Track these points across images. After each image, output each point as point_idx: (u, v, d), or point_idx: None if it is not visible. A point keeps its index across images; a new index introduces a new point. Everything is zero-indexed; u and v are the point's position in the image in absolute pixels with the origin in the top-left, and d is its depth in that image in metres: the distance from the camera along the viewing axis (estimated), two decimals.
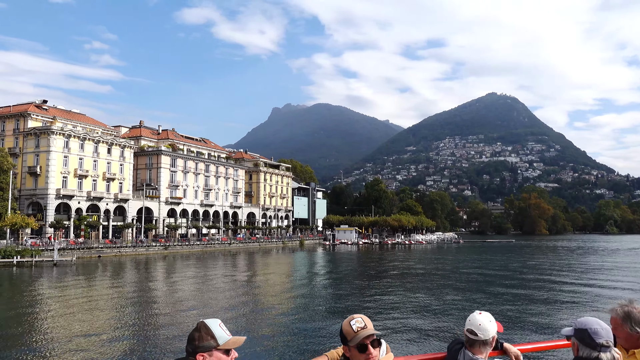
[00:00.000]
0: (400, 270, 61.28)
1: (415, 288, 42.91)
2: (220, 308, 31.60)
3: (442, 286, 43.37)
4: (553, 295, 37.36)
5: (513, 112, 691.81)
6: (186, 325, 25.62)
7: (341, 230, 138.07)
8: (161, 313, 30.30)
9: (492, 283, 45.49)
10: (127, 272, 57.82)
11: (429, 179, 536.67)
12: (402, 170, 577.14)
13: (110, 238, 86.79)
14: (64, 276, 50.87)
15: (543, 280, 48.01)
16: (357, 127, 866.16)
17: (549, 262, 73.54)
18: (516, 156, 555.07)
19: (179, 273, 56.49)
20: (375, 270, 62.59)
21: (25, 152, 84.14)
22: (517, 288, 41.67)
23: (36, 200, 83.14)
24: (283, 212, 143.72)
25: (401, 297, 36.83)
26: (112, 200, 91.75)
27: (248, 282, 48.72)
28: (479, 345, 3.01)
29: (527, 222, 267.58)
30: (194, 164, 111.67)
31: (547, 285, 43.84)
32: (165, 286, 44.91)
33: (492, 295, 37.53)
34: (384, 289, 42.36)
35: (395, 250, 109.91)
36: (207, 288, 42.95)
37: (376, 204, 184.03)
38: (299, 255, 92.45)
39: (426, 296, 37.20)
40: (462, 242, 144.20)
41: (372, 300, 35.49)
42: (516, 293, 38.55)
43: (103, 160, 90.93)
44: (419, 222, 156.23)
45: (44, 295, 37.95)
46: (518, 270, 59.91)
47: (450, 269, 62.13)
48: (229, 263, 71.55)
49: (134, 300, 36.27)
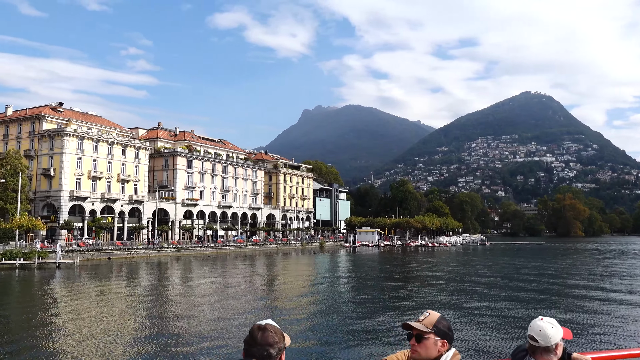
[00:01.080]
0: (422, 274, 58.35)
1: (454, 291, 40.10)
2: (223, 317, 29.11)
3: (472, 292, 40.46)
4: (600, 302, 34.00)
5: (548, 111, 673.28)
6: (179, 339, 22.79)
7: (362, 232, 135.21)
8: (147, 326, 26.48)
9: (520, 288, 42.29)
10: (130, 274, 56.62)
11: (460, 179, 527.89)
12: (433, 171, 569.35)
13: (125, 240, 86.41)
14: (60, 279, 49.97)
15: (569, 285, 44.48)
16: (388, 128, 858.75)
17: (580, 266, 69.25)
18: (552, 156, 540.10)
19: (184, 276, 54.99)
20: (397, 274, 59.81)
21: (40, 154, 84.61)
22: (547, 294, 38.41)
23: (50, 202, 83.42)
24: (304, 213, 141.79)
25: (445, 301, 34.15)
26: (126, 201, 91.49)
27: (256, 286, 46.71)
28: (541, 352, 2.94)
29: (561, 223, 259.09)
30: (211, 165, 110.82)
31: (578, 291, 40.40)
32: (157, 292, 43.26)
33: (519, 301, 34.47)
34: (415, 293, 39.69)
35: (417, 253, 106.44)
36: (209, 293, 41.10)
37: (402, 205, 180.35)
38: (316, 257, 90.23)
39: (466, 300, 34.43)
40: (489, 245, 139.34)
41: (404, 304, 32.93)
42: (544, 298, 35.36)
43: (117, 161, 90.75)
44: (444, 224, 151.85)
45: (25, 300, 36.77)
46: (550, 273, 56.18)
47: (464, 273, 58.84)
48: (240, 266, 69.88)
49: (121, 309, 33.80)
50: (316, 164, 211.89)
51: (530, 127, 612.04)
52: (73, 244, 73.04)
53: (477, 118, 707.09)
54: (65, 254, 66.67)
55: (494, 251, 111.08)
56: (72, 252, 68.51)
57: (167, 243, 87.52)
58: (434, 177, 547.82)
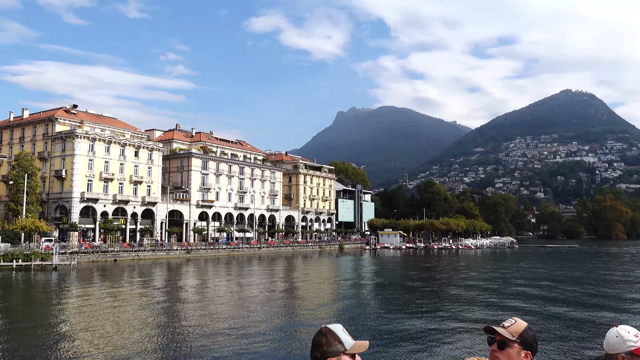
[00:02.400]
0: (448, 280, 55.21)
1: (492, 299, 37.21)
2: (211, 326, 26.88)
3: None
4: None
5: (590, 110, 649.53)
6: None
7: (385, 234, 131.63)
8: (112, 340, 23.60)
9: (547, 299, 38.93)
10: (127, 277, 55.46)
11: (498, 181, 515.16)
12: (469, 173, 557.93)
13: (135, 242, 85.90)
14: (50, 282, 49.13)
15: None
16: (423, 129, 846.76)
17: (602, 272, 64.52)
18: (594, 156, 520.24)
19: (182, 279, 53.45)
20: (419, 279, 56.84)
21: (53, 156, 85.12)
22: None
23: (62, 204, 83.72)
24: (325, 215, 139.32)
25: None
26: (139, 203, 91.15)
27: (254, 292, 44.69)
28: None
29: (602, 225, 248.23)
30: (227, 166, 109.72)
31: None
32: (143, 297, 41.68)
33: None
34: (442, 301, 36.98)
35: (439, 256, 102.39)
36: (195, 300, 39.27)
37: (429, 206, 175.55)
38: (331, 260, 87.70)
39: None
40: (517, 247, 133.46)
41: (441, 315, 30.36)
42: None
43: (130, 163, 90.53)
44: (471, 226, 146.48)
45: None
46: (559, 279, 52.22)
47: (464, 278, 55.32)
48: (246, 269, 68.14)
49: (90, 317, 31.43)
50: (343, 165, 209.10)
51: (571, 126, 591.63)
52: (81, 246, 72.70)
53: (515, 118, 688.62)
54: (69, 255, 66.37)
55: (520, 255, 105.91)
56: (77, 253, 68.15)
57: (177, 245, 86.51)
58: (470, 179, 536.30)
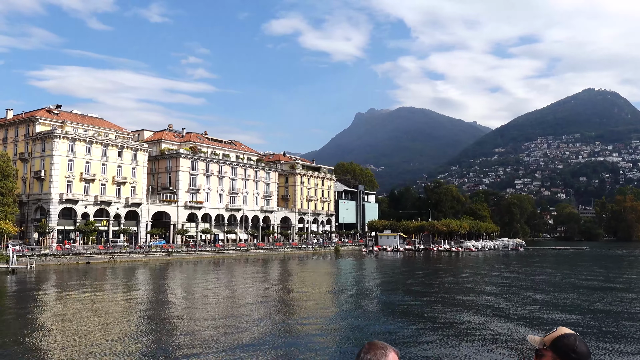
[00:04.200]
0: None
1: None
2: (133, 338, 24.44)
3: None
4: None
5: (614, 109, 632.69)
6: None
7: (384, 235, 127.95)
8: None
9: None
10: (89, 280, 53.29)
11: (518, 181, 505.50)
12: (489, 173, 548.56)
13: (110, 243, 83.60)
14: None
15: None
16: (442, 130, 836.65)
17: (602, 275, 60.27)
18: (618, 156, 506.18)
19: (140, 283, 51.14)
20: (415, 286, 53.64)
21: (33, 157, 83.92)
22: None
23: (41, 205, 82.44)
24: (324, 216, 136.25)
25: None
26: (122, 204, 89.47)
27: (209, 301, 42.12)
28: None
29: (621, 227, 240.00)
30: (218, 167, 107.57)
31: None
32: (92, 302, 39.33)
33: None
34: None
35: (435, 258, 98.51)
36: (138, 308, 36.80)
37: (436, 207, 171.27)
38: (319, 264, 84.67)
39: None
40: (522, 250, 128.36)
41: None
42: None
43: (113, 164, 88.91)
44: (475, 227, 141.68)
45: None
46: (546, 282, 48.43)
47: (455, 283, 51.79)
48: (225, 273, 65.73)
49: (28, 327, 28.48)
50: (350, 166, 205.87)
51: (594, 126, 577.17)
52: (52, 248, 71.16)
53: (536, 117, 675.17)
54: (28, 258, 64.69)
55: (519, 257, 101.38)
56: (45, 256, 66.54)
57: (158, 247, 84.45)
58: (490, 179, 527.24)
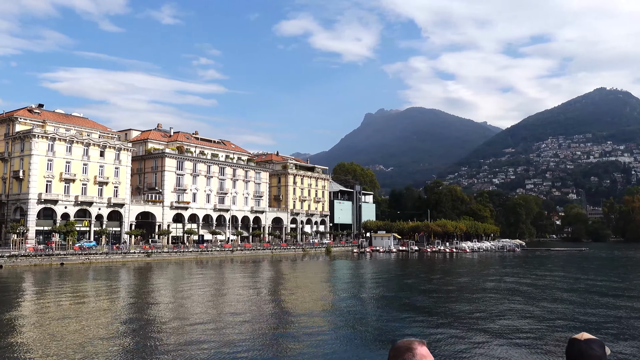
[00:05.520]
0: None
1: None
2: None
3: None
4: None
5: (625, 108, 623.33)
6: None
7: (378, 236, 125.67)
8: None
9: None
10: (51, 283, 51.94)
11: (528, 182, 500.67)
12: (499, 174, 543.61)
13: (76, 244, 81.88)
14: None
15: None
16: (452, 130, 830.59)
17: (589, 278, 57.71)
18: (629, 156, 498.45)
19: (104, 286, 49.60)
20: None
21: (13, 157, 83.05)
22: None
23: (20, 205, 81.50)
24: (318, 216, 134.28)
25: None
26: (105, 204, 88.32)
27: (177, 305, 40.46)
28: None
29: (630, 228, 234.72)
30: (206, 166, 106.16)
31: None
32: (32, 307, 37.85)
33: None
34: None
35: (428, 260, 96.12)
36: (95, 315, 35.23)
37: (436, 208, 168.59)
38: (305, 265, 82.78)
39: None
40: (519, 251, 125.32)
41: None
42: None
43: (95, 163, 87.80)
44: (472, 228, 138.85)
45: None
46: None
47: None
48: (198, 274, 64.13)
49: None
50: (351, 166, 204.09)
51: (605, 126, 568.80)
52: (21, 249, 70.05)
53: (547, 117, 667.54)
54: (7, 259, 63.77)
55: (509, 259, 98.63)
56: (15, 257, 65.44)
57: (137, 247, 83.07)
58: (500, 180, 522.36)
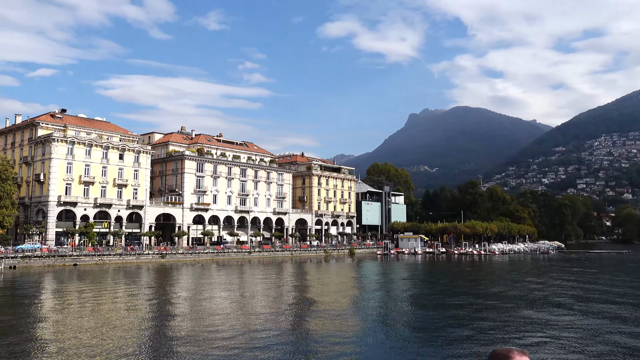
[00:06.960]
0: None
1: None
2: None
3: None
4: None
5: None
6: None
7: (404, 238, 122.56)
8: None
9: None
10: (54, 285, 52.75)
11: (580, 181, 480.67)
12: (549, 173, 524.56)
13: (85, 244, 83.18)
14: None
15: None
16: (499, 129, 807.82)
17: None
18: None
19: (118, 290, 49.86)
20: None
21: (35, 161, 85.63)
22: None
23: (41, 208, 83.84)
24: (344, 218, 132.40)
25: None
26: (124, 207, 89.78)
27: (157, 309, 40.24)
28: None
29: None
30: (227, 168, 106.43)
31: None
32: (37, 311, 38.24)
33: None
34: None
35: (460, 262, 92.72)
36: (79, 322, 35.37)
37: (470, 208, 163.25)
38: (321, 268, 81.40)
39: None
40: (554, 253, 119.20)
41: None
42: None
43: (114, 166, 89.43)
44: (505, 229, 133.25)
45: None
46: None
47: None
48: (209, 277, 63.90)
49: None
50: (385, 166, 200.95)
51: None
52: (35, 249, 71.82)
53: (600, 114, 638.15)
54: (20, 259, 65.53)
55: (538, 263, 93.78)
56: (29, 257, 67.17)
57: (151, 249, 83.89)
58: (549, 180, 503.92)
